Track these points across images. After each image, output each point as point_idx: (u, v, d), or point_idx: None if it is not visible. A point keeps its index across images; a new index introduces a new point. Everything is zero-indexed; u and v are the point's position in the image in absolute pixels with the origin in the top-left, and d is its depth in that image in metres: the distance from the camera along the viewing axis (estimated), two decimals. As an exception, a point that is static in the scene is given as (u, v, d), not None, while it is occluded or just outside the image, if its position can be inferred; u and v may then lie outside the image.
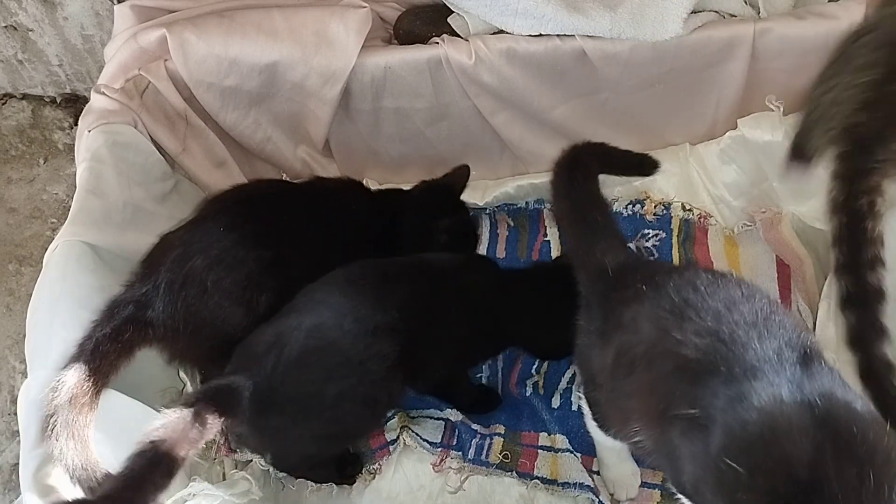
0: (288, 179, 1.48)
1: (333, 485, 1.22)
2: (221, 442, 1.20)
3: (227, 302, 1.07)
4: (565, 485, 1.19)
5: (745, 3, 1.32)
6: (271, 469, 1.20)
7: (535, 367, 1.31)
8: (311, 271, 1.12)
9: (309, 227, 1.17)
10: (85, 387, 0.96)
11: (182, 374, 1.24)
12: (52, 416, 0.93)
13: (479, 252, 1.44)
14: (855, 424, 0.72)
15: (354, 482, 1.22)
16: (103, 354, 0.99)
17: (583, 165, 1.10)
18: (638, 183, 1.43)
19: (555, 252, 1.42)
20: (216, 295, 1.06)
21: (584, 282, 1.03)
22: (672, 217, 1.41)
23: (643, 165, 1.19)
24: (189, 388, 1.22)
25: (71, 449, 0.92)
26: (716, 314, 0.83)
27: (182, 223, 1.12)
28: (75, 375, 0.96)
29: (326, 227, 1.19)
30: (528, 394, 1.27)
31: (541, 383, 1.29)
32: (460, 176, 1.36)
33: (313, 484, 1.21)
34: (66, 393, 0.94)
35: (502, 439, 1.23)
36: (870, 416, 0.76)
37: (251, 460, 1.19)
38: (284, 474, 1.21)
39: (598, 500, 1.16)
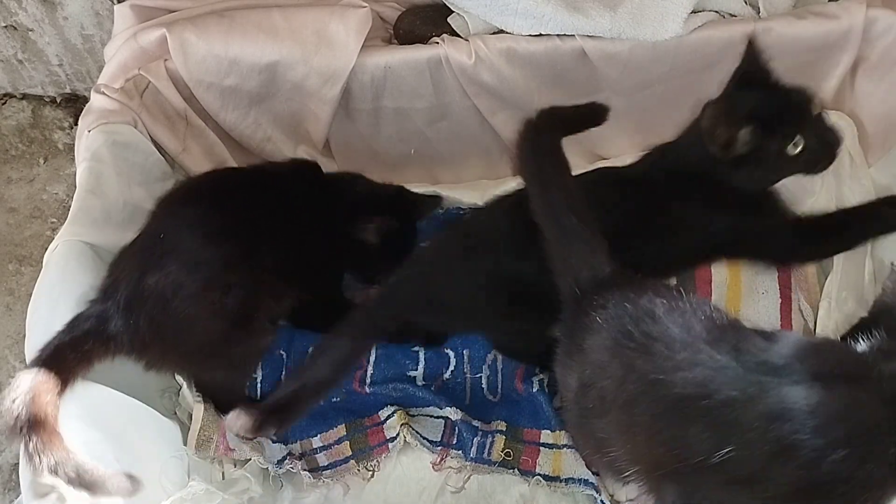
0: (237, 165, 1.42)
1: (332, 482, 1.22)
2: (219, 441, 1.20)
3: (191, 308, 1.05)
4: (568, 480, 1.19)
5: (745, 3, 1.32)
6: (270, 467, 1.20)
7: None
8: (277, 260, 1.11)
9: (264, 214, 1.15)
10: (45, 387, 0.96)
11: (178, 377, 1.24)
12: (18, 418, 0.93)
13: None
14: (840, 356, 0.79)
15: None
16: (61, 360, 0.99)
17: (547, 148, 1.02)
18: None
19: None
20: (177, 302, 1.04)
21: (561, 290, 0.98)
22: (672, 217, 1.41)
23: (595, 114, 1.15)
24: (185, 390, 1.22)
25: (43, 449, 0.92)
26: (683, 343, 0.81)
27: (139, 233, 1.11)
28: (32, 378, 0.96)
29: (282, 212, 1.17)
30: (534, 390, 1.27)
31: (545, 381, 1.29)
32: (427, 201, 1.35)
33: (312, 480, 1.21)
34: (24, 395, 0.94)
35: (504, 437, 1.23)
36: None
37: (250, 459, 1.19)
38: (284, 472, 1.21)
39: (599, 498, 1.16)
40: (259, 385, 1.33)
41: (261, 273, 1.10)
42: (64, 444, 0.93)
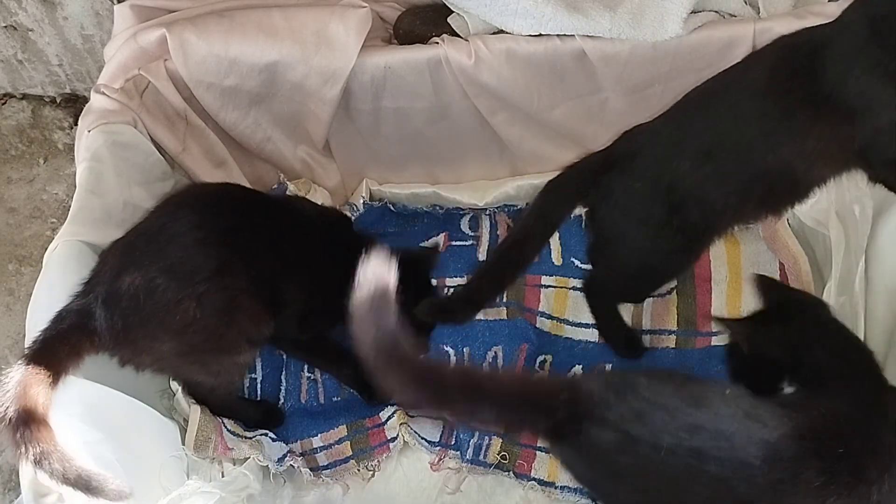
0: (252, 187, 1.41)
1: (332, 481, 1.23)
2: (217, 441, 1.20)
3: (162, 313, 1.04)
4: (564, 489, 1.19)
5: (745, 3, 1.32)
6: (270, 464, 1.20)
7: (538, 361, 1.31)
8: (260, 285, 1.10)
9: (263, 241, 1.13)
10: (35, 379, 0.96)
11: (173, 384, 1.24)
12: (7, 409, 0.93)
13: (479, 256, 1.43)
14: None
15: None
16: (51, 353, 0.99)
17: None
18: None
19: (555, 254, 1.41)
20: (150, 306, 1.03)
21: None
22: (672, 216, 1.41)
23: None
24: (179, 395, 1.22)
25: (31, 439, 0.91)
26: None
27: (129, 230, 1.10)
28: (22, 371, 0.96)
29: (284, 246, 1.15)
30: (532, 391, 1.27)
31: (545, 379, 1.30)
32: (429, 257, 1.32)
33: (311, 478, 1.22)
34: (14, 387, 0.94)
35: (501, 439, 1.23)
36: None
37: (248, 457, 1.19)
38: (283, 469, 1.21)
39: (596, 505, 1.16)
40: (259, 385, 1.33)
41: (238, 294, 1.08)
42: (53, 437, 0.92)
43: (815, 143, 1.03)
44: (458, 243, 1.43)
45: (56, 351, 1.00)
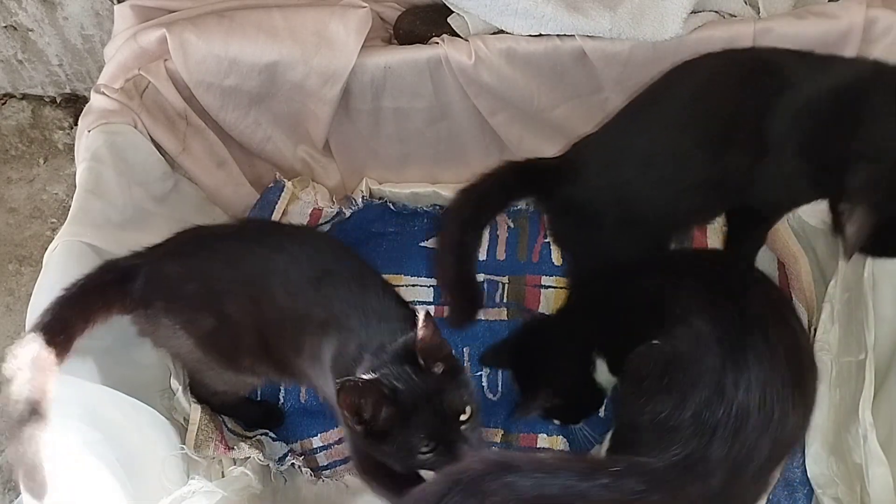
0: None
1: (332, 480, 1.23)
2: (218, 441, 1.20)
3: (183, 316, 1.07)
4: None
5: (745, 3, 1.32)
6: (271, 464, 1.20)
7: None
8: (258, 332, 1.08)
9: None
10: (60, 326, 0.98)
11: (173, 382, 1.23)
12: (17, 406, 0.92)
13: (479, 257, 1.42)
14: None
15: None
16: (86, 300, 1.02)
17: None
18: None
19: (555, 254, 1.41)
20: (177, 304, 1.07)
21: None
22: (672, 215, 1.41)
23: None
24: (180, 395, 1.22)
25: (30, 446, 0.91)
26: None
27: (221, 221, 1.13)
28: (53, 314, 0.99)
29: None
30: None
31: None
32: None
33: (312, 478, 1.22)
34: (27, 377, 0.94)
35: (501, 430, 1.25)
36: None
37: (249, 457, 1.19)
38: (284, 468, 1.21)
39: None
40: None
41: (243, 333, 1.07)
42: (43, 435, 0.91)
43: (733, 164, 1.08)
44: (457, 243, 1.43)
45: (90, 296, 1.03)
